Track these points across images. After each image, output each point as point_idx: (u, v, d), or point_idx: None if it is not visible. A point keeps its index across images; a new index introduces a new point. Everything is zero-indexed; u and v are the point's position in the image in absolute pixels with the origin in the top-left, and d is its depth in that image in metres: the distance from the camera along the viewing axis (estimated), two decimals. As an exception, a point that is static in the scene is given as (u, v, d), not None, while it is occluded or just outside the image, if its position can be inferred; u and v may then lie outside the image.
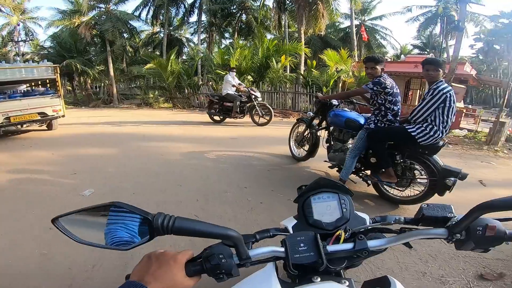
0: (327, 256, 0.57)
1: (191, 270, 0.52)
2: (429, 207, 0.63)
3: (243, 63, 11.41)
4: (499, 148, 6.36)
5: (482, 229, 0.55)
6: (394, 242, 0.61)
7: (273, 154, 4.70)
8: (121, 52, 17.63)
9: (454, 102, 2.52)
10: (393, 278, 0.59)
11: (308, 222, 0.67)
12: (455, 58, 8.38)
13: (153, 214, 0.49)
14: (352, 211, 0.69)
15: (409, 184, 2.85)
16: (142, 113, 10.71)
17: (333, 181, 0.72)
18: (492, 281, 1.80)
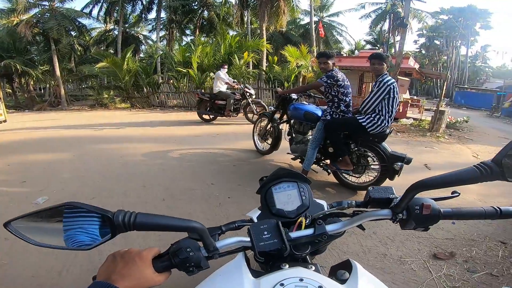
0: (291, 242, 0.59)
1: (159, 266, 0.52)
2: (375, 190, 0.67)
3: (205, 60, 11.23)
4: (441, 134, 7.14)
5: (419, 208, 0.59)
6: (349, 225, 0.64)
7: (238, 150, 4.75)
8: (69, 51, 16.17)
9: (397, 93, 2.79)
10: (354, 261, 0.62)
11: (271, 212, 0.69)
12: (400, 52, 9.13)
13: (113, 212, 0.48)
14: (311, 198, 0.72)
15: (364, 171, 3.09)
16: (96, 115, 10.01)
17: (291, 171, 0.74)
18: (445, 260, 1.98)
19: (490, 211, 0.60)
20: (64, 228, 0.49)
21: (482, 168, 0.52)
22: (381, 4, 25.34)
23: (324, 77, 3.00)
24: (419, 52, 35.46)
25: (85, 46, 19.81)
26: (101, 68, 12.10)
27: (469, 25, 29.03)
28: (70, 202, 0.49)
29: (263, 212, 0.71)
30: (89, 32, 19.52)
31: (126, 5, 18.27)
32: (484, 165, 0.52)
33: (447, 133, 7.56)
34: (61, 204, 0.49)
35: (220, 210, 2.65)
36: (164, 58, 15.36)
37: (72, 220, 0.49)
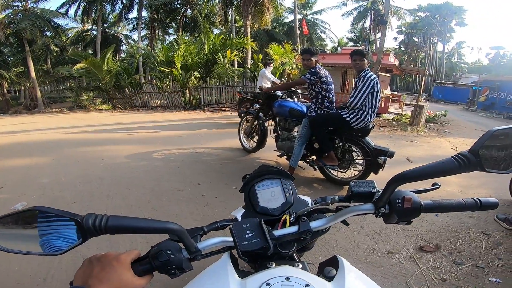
0: (275, 241, 0.58)
1: (140, 270, 0.50)
2: (356, 184, 0.66)
3: (188, 59, 11.07)
4: (421, 128, 7.39)
5: (400, 201, 0.59)
6: (333, 221, 0.63)
7: (224, 148, 4.71)
8: (44, 52, 15.51)
9: (379, 88, 2.86)
10: (341, 257, 0.63)
11: (255, 210, 0.68)
12: (381, 49, 9.36)
13: (82, 216, 0.46)
14: (295, 195, 0.71)
15: (349, 166, 3.15)
16: (76, 117, 9.65)
17: (274, 167, 0.73)
18: (431, 253, 2.03)
19: (470, 203, 0.61)
20: (40, 233, 0.48)
21: (460, 159, 0.52)
22: (362, 2, 25.94)
23: (308, 73, 3.02)
24: (399, 48, 36.54)
25: (61, 47, 19.08)
26: (79, 69, 11.66)
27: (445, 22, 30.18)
28: (37, 207, 0.47)
29: (247, 211, 0.70)
30: (66, 32, 18.81)
31: (105, 4, 17.71)
32: (462, 156, 0.52)
33: (427, 127, 7.83)
34: (29, 209, 0.47)
35: (208, 210, 2.62)
36: (146, 58, 15.02)
37: (47, 225, 0.48)
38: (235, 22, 17.84)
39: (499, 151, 0.54)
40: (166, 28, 22.48)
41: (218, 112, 9.77)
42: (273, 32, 23.42)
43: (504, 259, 1.97)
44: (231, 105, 10.42)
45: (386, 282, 1.74)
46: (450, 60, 38.96)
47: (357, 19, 27.28)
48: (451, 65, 38.92)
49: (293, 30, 19.62)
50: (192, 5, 19.76)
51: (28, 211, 0.47)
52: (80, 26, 20.90)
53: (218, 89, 10.82)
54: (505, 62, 25.70)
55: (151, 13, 19.40)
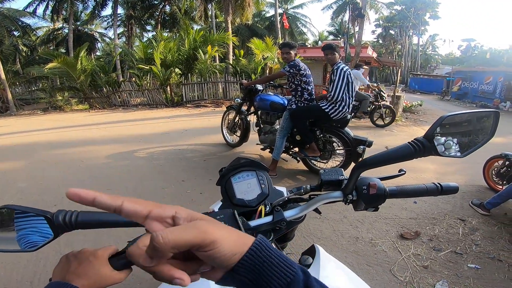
0: (251, 231, 0.58)
1: (118, 264, 0.51)
2: (325, 172, 0.68)
3: (168, 56, 10.82)
4: (398, 118, 7.65)
5: (366, 188, 0.61)
6: (305, 210, 0.64)
7: (208, 144, 4.69)
8: (12, 52, 14.71)
9: (352, 78, 2.96)
10: (318, 245, 0.65)
11: (232, 203, 0.69)
12: (359, 42, 9.57)
13: (52, 212, 0.48)
14: (270, 185, 0.72)
15: (331, 156, 3.24)
16: (51, 119, 9.22)
17: (249, 159, 0.75)
18: (411, 240, 2.12)
19: (431, 188, 0.63)
20: (16, 231, 0.49)
21: (415, 144, 0.54)
22: (341, -5, 26.22)
23: (287, 66, 3.07)
24: (377, 41, 37.44)
25: (31, 47, 18.14)
26: (51, 68, 11.11)
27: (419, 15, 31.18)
28: (6, 206, 0.47)
29: (225, 204, 0.72)
30: (35, 32, 17.87)
31: (76, 2, 16.91)
32: (417, 141, 0.54)
33: (404, 117, 8.14)
34: None
35: (194, 206, 2.62)
36: (124, 56, 14.53)
37: (22, 223, 0.49)
38: (215, 18, 17.57)
39: (451, 136, 0.56)
40: (144, 25, 21.82)
41: (201, 108, 9.66)
42: (255, 27, 23.31)
43: (481, 245, 2.07)
44: (213, 101, 10.33)
45: (371, 270, 1.79)
46: (425, 52, 40.40)
47: (336, 12, 27.58)
48: (426, 57, 40.38)
49: (274, 25, 19.61)
50: (170, 1, 19.27)
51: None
52: (50, 24, 19.90)
53: (200, 85, 10.68)
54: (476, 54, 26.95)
55: (128, 10, 18.73)
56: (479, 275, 1.77)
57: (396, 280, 1.72)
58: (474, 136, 0.58)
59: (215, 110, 9.16)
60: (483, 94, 15.33)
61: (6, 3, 14.24)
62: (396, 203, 2.72)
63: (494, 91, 14.56)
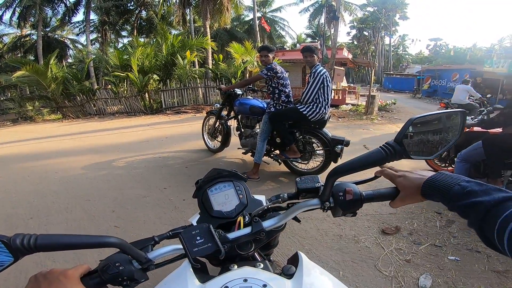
0: (231, 243, 0.58)
1: (90, 284, 0.50)
2: (301, 180, 0.67)
3: (146, 62, 10.60)
4: (374, 117, 7.97)
5: (342, 194, 0.60)
6: (284, 219, 0.63)
7: (189, 151, 4.64)
8: (-23, 60, 13.79)
9: (330, 81, 3.05)
10: (301, 253, 0.64)
11: (210, 215, 0.68)
12: (334, 44, 9.85)
13: (9, 236, 0.46)
14: (248, 195, 0.72)
15: (311, 157, 3.30)
16: (21, 130, 8.74)
17: (225, 170, 0.74)
18: (392, 235, 2.17)
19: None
20: None
21: (386, 148, 0.54)
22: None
23: (265, 69, 3.12)
24: (352, 43, 38.65)
25: (-4, 54, 17.13)
26: (19, 77, 10.55)
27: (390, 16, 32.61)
28: None
29: (203, 216, 0.70)
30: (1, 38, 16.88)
31: (45, 8, 16.18)
32: (388, 145, 0.54)
33: (380, 115, 8.47)
34: None
35: (176, 214, 2.58)
36: (98, 63, 14.06)
37: None
38: (194, 22, 17.41)
39: (420, 138, 0.56)
40: (119, 31, 21.20)
41: (181, 114, 9.54)
42: (234, 31, 23.38)
43: (458, 237, 2.15)
44: (194, 107, 10.23)
45: (356, 266, 1.83)
46: (396, 52, 42.25)
47: (313, 15, 28.23)
48: (397, 56, 42.24)
49: (253, 28, 19.76)
50: (147, 6, 18.92)
51: None
52: (17, 31, 18.91)
53: (179, 91, 10.54)
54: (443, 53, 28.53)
55: (101, 15, 18.15)
56: (460, 267, 1.83)
57: (381, 275, 1.75)
58: (443, 136, 0.59)
59: (196, 116, 9.07)
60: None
61: None
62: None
63: None
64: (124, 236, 2.24)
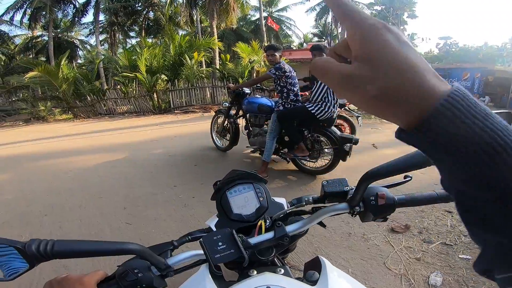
0: (252, 249, 0.56)
1: None
2: (328, 183, 0.64)
3: (154, 63, 10.74)
4: (383, 115, 7.88)
5: (374, 198, 0.57)
6: (309, 224, 0.61)
7: (198, 149, 4.69)
8: (-11, 62, 14.22)
9: None
10: (323, 258, 0.62)
11: (229, 218, 0.66)
12: (342, 44, 9.77)
13: (24, 242, 0.43)
14: (269, 198, 0.69)
15: (319, 155, 3.29)
16: (34, 129, 8.96)
17: (245, 172, 0.71)
18: (402, 233, 2.16)
19: (442, 195, 0.59)
20: None
21: None
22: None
23: (273, 69, 3.14)
24: (359, 42, 38.20)
25: (9, 55, 17.58)
26: (32, 77, 10.81)
27: (398, 14, 32.14)
28: None
29: (222, 219, 0.68)
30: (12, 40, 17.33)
31: (55, 9, 16.54)
32: None
33: (389, 114, 8.36)
34: None
35: (187, 211, 2.63)
36: (107, 63, 14.30)
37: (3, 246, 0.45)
38: (201, 23, 17.53)
39: None
40: (127, 32, 21.51)
41: (189, 114, 9.63)
42: (240, 30, 23.40)
43: (469, 236, 2.15)
44: (202, 106, 10.31)
45: (365, 264, 1.83)
46: (405, 51, 41.55)
47: (320, 14, 27.87)
48: (407, 56, 41.54)
49: (260, 28, 19.77)
50: (154, 7, 19.11)
51: None
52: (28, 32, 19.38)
53: (187, 91, 10.64)
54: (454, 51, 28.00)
55: (110, 16, 18.46)
56: (471, 266, 1.80)
57: (390, 273, 1.75)
58: None
59: (203, 115, 9.14)
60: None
61: None
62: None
63: (473, 86, 15.21)
64: (136, 233, 2.30)
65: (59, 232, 2.34)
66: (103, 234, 2.31)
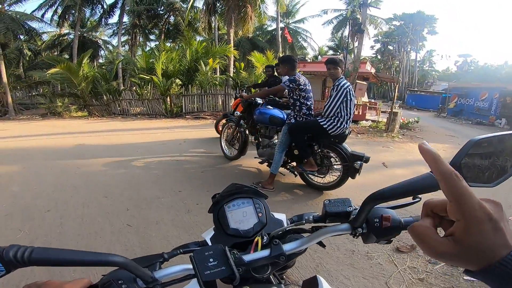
0: (246, 266, 0.54)
1: None
2: (331, 203, 0.62)
3: (170, 66, 10.96)
4: (395, 135, 7.73)
5: (378, 220, 0.55)
6: (308, 243, 0.59)
7: (205, 156, 4.69)
8: (17, 56, 14.90)
9: (353, 95, 2.99)
10: (321, 278, 0.61)
11: (226, 232, 0.64)
12: (358, 58, 9.72)
13: (3, 247, 0.43)
14: (268, 214, 0.68)
15: (328, 171, 3.23)
16: (49, 124, 9.23)
17: (245, 186, 0.69)
18: (407, 253, 2.11)
19: None
20: None
21: None
22: (342, 11, 26.77)
23: (287, 81, 3.11)
24: (375, 57, 37.91)
25: (35, 51, 18.37)
26: (54, 74, 11.22)
27: (417, 30, 31.79)
28: None
29: (218, 232, 0.66)
30: (40, 36, 18.12)
31: (84, 9, 17.28)
32: None
33: (401, 133, 8.21)
34: None
35: (190, 217, 2.60)
36: (126, 64, 14.72)
37: None
38: (218, 30, 17.89)
39: (481, 162, 0.49)
40: (147, 34, 22.19)
41: (200, 120, 9.72)
42: (256, 40, 23.74)
43: None
44: (213, 113, 10.40)
45: (366, 283, 1.78)
46: (422, 68, 40.78)
47: (336, 27, 27.99)
48: (423, 72, 40.77)
49: (275, 38, 19.97)
50: (175, 12, 19.66)
51: None
52: (55, 30, 20.22)
53: (200, 97, 10.78)
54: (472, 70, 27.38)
55: (133, 18, 19.11)
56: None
57: None
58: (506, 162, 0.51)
59: (214, 122, 9.20)
60: (479, 111, 15.33)
61: (15, 6, 14.50)
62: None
63: (490, 107, 14.62)
64: (136, 235, 2.28)
65: (59, 229, 2.34)
66: (103, 234, 2.30)
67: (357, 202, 0.62)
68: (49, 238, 2.22)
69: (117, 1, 18.47)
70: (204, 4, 14.90)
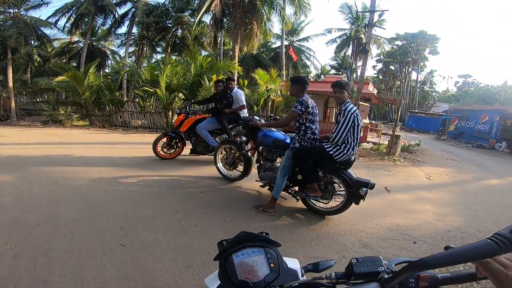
0: None
1: None
2: (359, 262, 0.58)
3: (174, 80, 11.03)
4: (397, 158, 7.67)
5: (414, 281, 0.52)
6: None
7: (205, 176, 4.57)
8: (26, 61, 15.06)
9: (360, 120, 2.93)
10: None
11: (233, 283, 0.60)
12: (362, 78, 9.69)
13: None
14: (281, 264, 0.64)
15: (332, 197, 3.15)
16: (49, 132, 9.18)
17: (256, 235, 0.66)
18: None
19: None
20: None
21: (499, 241, 0.44)
22: (345, 30, 27.28)
23: (298, 104, 3.03)
24: (377, 77, 38.22)
25: (44, 58, 18.64)
26: (60, 82, 11.28)
27: (419, 50, 32.06)
28: None
29: (224, 282, 0.62)
30: (51, 43, 18.43)
31: (96, 18, 17.70)
32: (501, 237, 0.45)
33: (402, 156, 8.15)
34: None
35: (187, 240, 2.49)
36: (131, 76, 14.87)
37: None
38: (223, 45, 18.19)
39: None
40: (154, 46, 22.57)
41: (201, 134, 9.64)
42: (260, 57, 24.08)
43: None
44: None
45: None
46: (422, 89, 40.72)
47: (340, 47, 28.16)
48: (423, 93, 40.76)
49: (279, 56, 20.26)
50: (183, 25, 20.08)
51: None
52: (67, 37, 20.61)
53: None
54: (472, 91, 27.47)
55: (142, 30, 19.52)
56: None
57: None
58: None
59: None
60: (479, 134, 15.15)
61: (31, 11, 14.78)
62: (395, 243, 2.66)
63: (490, 131, 14.43)
64: (129, 256, 2.17)
65: (47, 245, 2.23)
66: (93, 254, 2.18)
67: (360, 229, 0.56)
68: (36, 253, 2.11)
69: (128, 12, 18.95)
70: (212, 19, 15.21)
